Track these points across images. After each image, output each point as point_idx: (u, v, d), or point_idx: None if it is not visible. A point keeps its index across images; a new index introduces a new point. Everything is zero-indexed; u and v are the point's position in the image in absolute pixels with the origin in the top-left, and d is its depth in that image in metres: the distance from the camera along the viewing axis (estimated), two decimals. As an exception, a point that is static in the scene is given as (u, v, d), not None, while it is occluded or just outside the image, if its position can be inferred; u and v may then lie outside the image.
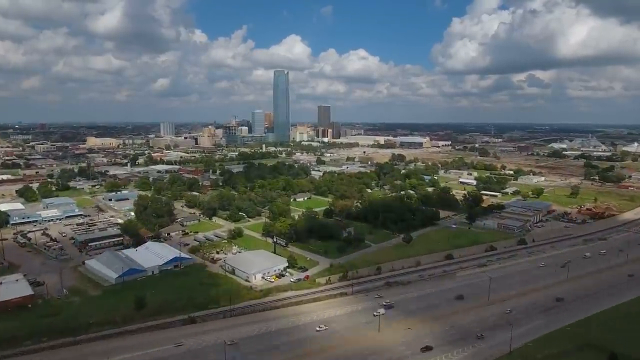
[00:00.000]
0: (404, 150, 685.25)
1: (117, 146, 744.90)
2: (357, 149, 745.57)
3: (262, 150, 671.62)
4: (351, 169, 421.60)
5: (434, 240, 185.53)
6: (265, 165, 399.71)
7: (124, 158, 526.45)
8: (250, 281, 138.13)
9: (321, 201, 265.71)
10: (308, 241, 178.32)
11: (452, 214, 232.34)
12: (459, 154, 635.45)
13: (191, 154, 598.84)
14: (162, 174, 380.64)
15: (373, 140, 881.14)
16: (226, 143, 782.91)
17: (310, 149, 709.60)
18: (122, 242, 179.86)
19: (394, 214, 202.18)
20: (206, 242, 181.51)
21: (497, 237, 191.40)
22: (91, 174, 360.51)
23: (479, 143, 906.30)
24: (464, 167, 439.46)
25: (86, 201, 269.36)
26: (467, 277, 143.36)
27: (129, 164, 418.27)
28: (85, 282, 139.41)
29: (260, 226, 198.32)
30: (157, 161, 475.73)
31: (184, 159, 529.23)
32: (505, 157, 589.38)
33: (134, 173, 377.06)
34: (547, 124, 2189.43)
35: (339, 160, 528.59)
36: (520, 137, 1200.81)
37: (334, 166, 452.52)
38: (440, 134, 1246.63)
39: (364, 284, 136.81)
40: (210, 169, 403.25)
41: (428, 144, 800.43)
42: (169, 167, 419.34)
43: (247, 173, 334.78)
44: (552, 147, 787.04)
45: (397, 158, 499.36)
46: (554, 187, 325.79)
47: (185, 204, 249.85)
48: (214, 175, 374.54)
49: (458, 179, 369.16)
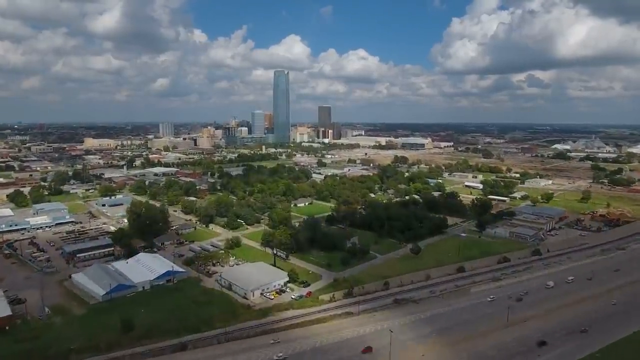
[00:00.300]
0: (406, 152, 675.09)
1: (115, 147, 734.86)
2: (358, 150, 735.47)
3: (261, 151, 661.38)
4: (353, 171, 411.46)
5: (444, 250, 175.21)
6: (265, 168, 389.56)
7: (121, 160, 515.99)
8: (248, 298, 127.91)
9: (323, 206, 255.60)
10: (310, 252, 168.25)
11: (460, 220, 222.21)
12: (462, 155, 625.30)
13: (190, 155, 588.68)
14: (159, 177, 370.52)
15: (374, 141, 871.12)
16: (225, 144, 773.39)
17: (311, 150, 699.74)
18: (113, 253, 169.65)
19: (400, 222, 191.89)
20: (202, 252, 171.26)
21: (510, 247, 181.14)
22: (86, 178, 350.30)
23: (482, 144, 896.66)
24: (468, 169, 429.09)
25: (79, 206, 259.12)
26: (481, 293, 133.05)
27: (125, 166, 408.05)
28: (70, 299, 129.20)
29: (259, 234, 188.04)
30: (155, 163, 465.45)
31: (182, 160, 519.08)
32: (509, 158, 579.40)
33: (130, 176, 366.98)
34: (548, 124, 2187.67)
35: (341, 162, 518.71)
36: (522, 137, 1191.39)
37: (335, 168, 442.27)
38: (442, 135, 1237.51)
39: (371, 301, 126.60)
40: (209, 171, 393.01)
41: (430, 145, 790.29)
42: (167, 169, 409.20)
43: (246, 176, 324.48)
44: (555, 148, 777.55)
45: (400, 160, 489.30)
46: (563, 192, 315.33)
47: (182, 209, 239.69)
48: (212, 179, 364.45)
49: (463, 183, 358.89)
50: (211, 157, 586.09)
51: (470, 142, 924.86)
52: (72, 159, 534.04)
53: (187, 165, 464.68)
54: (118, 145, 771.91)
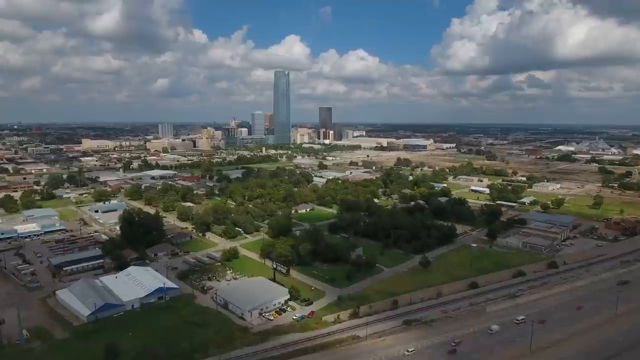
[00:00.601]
0: (408, 153, 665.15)
1: (113, 148, 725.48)
2: (359, 151, 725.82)
3: (262, 152, 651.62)
4: (355, 174, 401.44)
5: (454, 262, 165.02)
6: (265, 171, 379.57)
7: (118, 162, 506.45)
8: (246, 319, 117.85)
9: (325, 213, 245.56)
10: (312, 264, 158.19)
11: (469, 228, 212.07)
12: (466, 157, 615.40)
13: (188, 157, 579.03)
14: (156, 180, 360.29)
15: (375, 142, 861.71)
16: (225, 145, 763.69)
17: (312, 151, 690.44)
18: (103, 266, 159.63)
19: (406, 232, 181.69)
20: (197, 264, 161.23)
21: (524, 258, 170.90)
22: (80, 181, 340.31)
23: (484, 146, 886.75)
24: (473, 172, 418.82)
25: (71, 213, 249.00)
26: (498, 313, 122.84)
27: (122, 169, 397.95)
28: (52, 320, 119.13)
29: (258, 244, 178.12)
30: (153, 166, 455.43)
31: (181, 162, 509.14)
32: (513, 161, 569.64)
33: (126, 179, 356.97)
34: (549, 124, 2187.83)
35: (342, 164, 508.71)
36: (524, 138, 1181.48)
37: (336, 171, 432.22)
38: (444, 136, 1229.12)
39: (379, 322, 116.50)
40: (207, 174, 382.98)
41: (432, 147, 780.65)
42: (164, 172, 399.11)
43: (246, 180, 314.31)
44: (559, 150, 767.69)
45: (403, 162, 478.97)
46: (573, 197, 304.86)
47: (178, 216, 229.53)
48: (210, 182, 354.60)
49: (468, 186, 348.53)
50: (210, 158, 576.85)
51: (473, 144, 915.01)
52: (69, 161, 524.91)
53: (185, 167, 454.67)
54: (116, 146, 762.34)
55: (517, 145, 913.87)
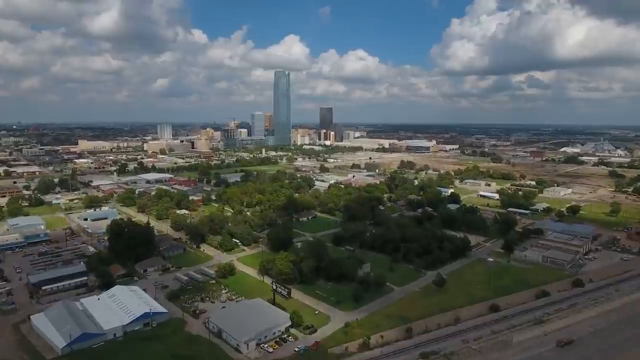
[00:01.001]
0: (410, 155, 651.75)
1: (110, 150, 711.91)
2: (361, 153, 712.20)
3: (261, 154, 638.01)
4: (358, 178, 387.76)
5: (470, 280, 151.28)
6: (264, 174, 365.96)
7: (114, 164, 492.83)
8: (242, 351, 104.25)
9: (328, 221, 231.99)
10: (315, 282, 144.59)
11: (482, 239, 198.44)
12: (470, 159, 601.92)
13: (186, 159, 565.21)
14: (151, 184, 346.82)
15: (377, 143, 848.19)
16: (224, 146, 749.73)
17: (312, 153, 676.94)
18: (87, 284, 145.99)
19: (417, 245, 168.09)
20: (190, 282, 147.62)
21: (545, 275, 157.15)
22: (72, 185, 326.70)
23: (488, 147, 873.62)
24: (479, 176, 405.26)
25: (59, 221, 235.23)
26: (526, 344, 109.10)
27: (116, 172, 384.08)
28: (22, 352, 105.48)
29: (257, 258, 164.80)
30: (149, 169, 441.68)
31: (178, 165, 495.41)
32: (519, 163, 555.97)
33: (121, 183, 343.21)
34: (549, 125, 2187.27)
35: (344, 166, 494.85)
36: (527, 139, 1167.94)
37: (339, 174, 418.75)
38: (446, 137, 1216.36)
39: (392, 356, 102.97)
40: (204, 178, 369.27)
41: (435, 148, 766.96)
42: (160, 176, 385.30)
43: (244, 184, 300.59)
44: (565, 151, 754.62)
45: (407, 165, 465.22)
46: (587, 203, 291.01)
47: (172, 225, 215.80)
48: (207, 186, 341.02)
49: (476, 191, 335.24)
50: (209, 160, 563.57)
51: (476, 145, 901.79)
52: (63, 163, 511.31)
53: (182, 170, 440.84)
54: (113, 147, 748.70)
55: (520, 147, 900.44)
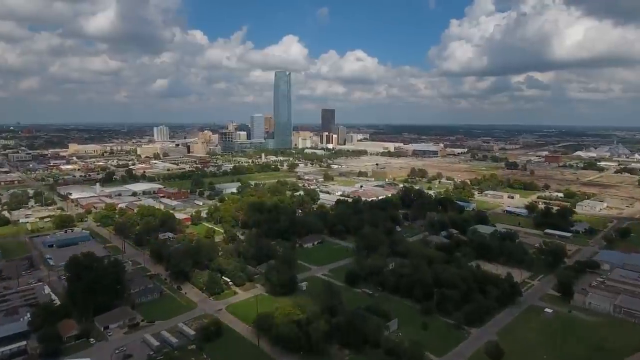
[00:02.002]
0: (419, 160, 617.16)
1: (102, 154, 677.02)
2: (366, 158, 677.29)
3: (261, 159, 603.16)
4: (367, 188, 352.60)
5: (530, 343, 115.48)
6: (263, 187, 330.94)
7: (101, 171, 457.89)
8: None
9: (337, 249, 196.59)
10: (328, 350, 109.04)
11: (526, 275, 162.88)
12: (482, 165, 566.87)
13: (181, 165, 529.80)
14: (138, 196, 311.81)
15: (382, 147, 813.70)
16: (222, 150, 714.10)
17: (315, 157, 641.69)
18: (26, 350, 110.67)
19: (455, 291, 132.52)
20: (162, 348, 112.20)
21: (625, 335, 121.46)
22: (47, 199, 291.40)
23: (496, 150, 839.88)
24: (499, 186, 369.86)
25: (20, 246, 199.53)
26: None
27: (99, 183, 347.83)
28: None
29: (251, 308, 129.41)
30: (137, 177, 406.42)
31: (171, 172, 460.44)
32: (536, 169, 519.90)
33: (103, 196, 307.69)
34: (549, 125, 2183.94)
35: (350, 173, 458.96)
36: (535, 142, 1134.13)
37: (344, 184, 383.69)
38: (452, 139, 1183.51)
39: None
40: (197, 189, 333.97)
41: (443, 152, 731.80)
42: (148, 186, 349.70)
43: (240, 200, 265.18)
44: (579, 156, 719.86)
45: (418, 173, 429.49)
46: (633, 221, 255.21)
47: (151, 253, 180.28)
48: (200, 199, 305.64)
49: (499, 205, 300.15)
50: (205, 166, 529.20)
51: (484, 149, 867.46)
52: (48, 170, 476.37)
53: (174, 179, 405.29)
54: (105, 151, 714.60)
55: (530, 150, 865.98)
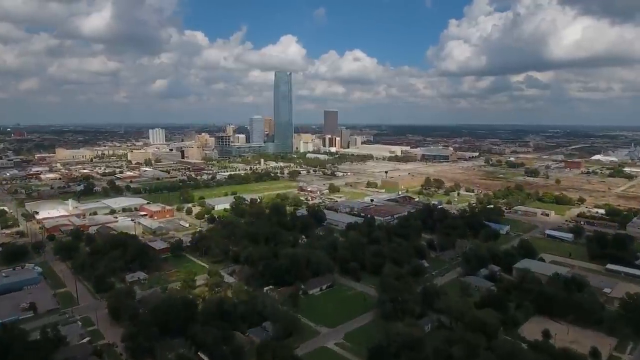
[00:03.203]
0: (430, 166, 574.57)
1: (90, 160, 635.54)
2: (372, 163, 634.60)
3: (260, 165, 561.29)
4: (378, 202, 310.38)
5: None
6: (260, 202, 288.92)
7: (83, 180, 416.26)
8: None
9: (352, 296, 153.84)
10: None
11: (607, 341, 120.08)
12: (499, 172, 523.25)
13: (172, 173, 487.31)
14: (115, 215, 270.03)
15: (388, 150, 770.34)
16: (219, 155, 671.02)
17: (318, 163, 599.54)
18: None
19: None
20: None
21: None
22: (6, 221, 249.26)
23: (509, 154, 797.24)
24: (528, 200, 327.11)
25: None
26: None
27: (71, 200, 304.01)
28: None
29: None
30: (121, 189, 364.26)
31: (160, 181, 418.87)
32: (558, 176, 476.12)
33: (75, 215, 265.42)
34: (556, 126, 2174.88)
35: (357, 183, 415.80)
36: (546, 144, 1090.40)
37: (353, 196, 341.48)
38: (459, 141, 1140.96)
39: None
40: (185, 206, 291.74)
41: (454, 157, 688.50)
42: (130, 202, 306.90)
43: (232, 224, 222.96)
44: (599, 160, 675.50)
45: (434, 183, 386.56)
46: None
47: (109, 309, 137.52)
48: (186, 220, 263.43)
49: (536, 226, 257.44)
50: (199, 173, 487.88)
51: (495, 152, 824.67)
52: (26, 180, 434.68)
53: (162, 191, 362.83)
54: (95, 156, 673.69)
55: (544, 154, 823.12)
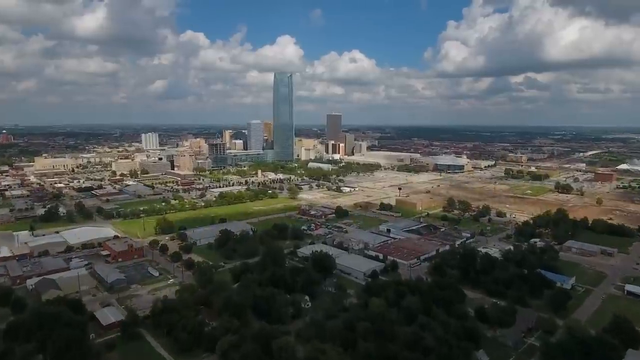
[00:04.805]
0: (443, 179, 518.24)
1: (72, 170, 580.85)
2: (381, 174, 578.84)
3: (256, 178, 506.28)
4: (398, 235, 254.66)
5: None
6: (252, 238, 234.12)
7: (53, 199, 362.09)
8: None
9: None
10: None
11: None
12: (523, 185, 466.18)
13: (157, 188, 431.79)
14: (71, 256, 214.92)
15: (396, 158, 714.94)
16: (213, 164, 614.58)
17: (321, 173, 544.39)
18: None
19: None
20: None
21: None
22: None
23: (525, 162, 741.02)
24: (577, 230, 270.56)
25: None
26: None
27: (21, 233, 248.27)
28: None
29: None
30: (91, 213, 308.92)
31: (142, 200, 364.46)
32: (591, 191, 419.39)
33: (16, 257, 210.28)
34: (558, 127, 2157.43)
35: (368, 206, 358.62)
36: (561, 149, 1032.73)
37: (365, 223, 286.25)
38: (469, 147, 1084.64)
39: None
40: (162, 239, 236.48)
41: (469, 166, 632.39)
42: (94, 233, 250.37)
43: (212, 282, 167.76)
44: (628, 170, 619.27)
45: (460, 206, 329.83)
46: None
47: None
48: (157, 264, 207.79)
49: (602, 274, 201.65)
50: (189, 188, 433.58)
51: (511, 160, 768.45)
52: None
53: (140, 216, 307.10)
54: (79, 165, 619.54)
55: (562, 161, 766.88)
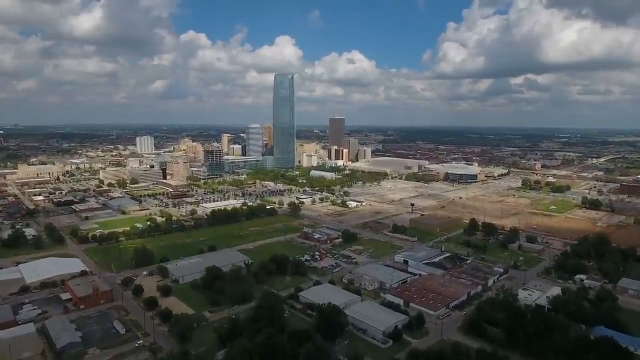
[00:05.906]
0: (455, 190, 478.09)
1: (57, 178, 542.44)
2: (388, 184, 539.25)
3: (254, 188, 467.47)
4: (417, 270, 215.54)
5: None
6: (245, 277, 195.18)
7: (27, 216, 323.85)
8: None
9: None
10: None
11: None
12: (544, 199, 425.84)
13: (145, 203, 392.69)
14: (25, 301, 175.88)
15: (404, 165, 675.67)
16: (208, 172, 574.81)
17: (324, 184, 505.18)
18: None
19: None
20: None
21: None
22: None
23: (538, 170, 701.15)
24: (626, 264, 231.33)
25: None
26: None
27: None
28: None
29: None
30: (62, 238, 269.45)
31: (125, 217, 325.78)
32: (622, 209, 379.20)
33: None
34: (560, 129, 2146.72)
35: (380, 228, 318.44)
36: (575, 154, 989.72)
37: (377, 250, 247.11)
38: (476, 151, 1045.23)
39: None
40: (138, 275, 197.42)
41: (482, 176, 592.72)
42: (58, 268, 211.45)
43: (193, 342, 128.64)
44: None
45: (484, 228, 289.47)
46: None
47: None
48: (127, 313, 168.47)
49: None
50: (180, 201, 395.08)
51: (524, 167, 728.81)
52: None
53: (120, 239, 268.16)
54: (66, 172, 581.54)
55: (578, 168, 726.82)
